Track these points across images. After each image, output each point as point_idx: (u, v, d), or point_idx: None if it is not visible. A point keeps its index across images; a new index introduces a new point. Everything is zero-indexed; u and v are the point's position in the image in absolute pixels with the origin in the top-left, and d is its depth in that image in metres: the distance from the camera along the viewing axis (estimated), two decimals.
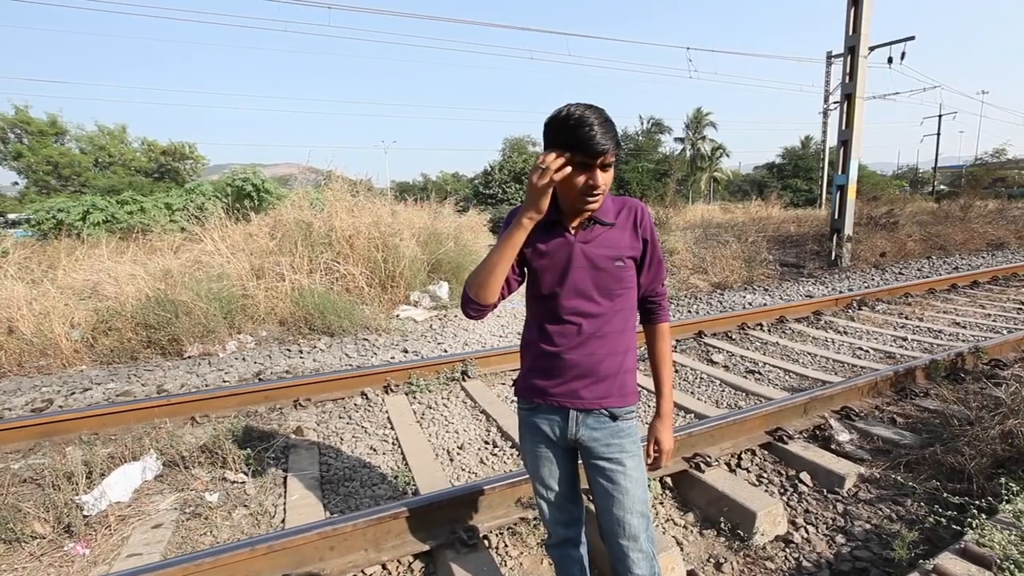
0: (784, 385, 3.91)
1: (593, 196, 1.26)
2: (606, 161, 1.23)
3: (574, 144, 1.20)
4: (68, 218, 13.99)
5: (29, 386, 3.93)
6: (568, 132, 1.21)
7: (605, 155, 1.21)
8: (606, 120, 1.22)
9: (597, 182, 1.24)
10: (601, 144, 1.19)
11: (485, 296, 1.32)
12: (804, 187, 39.13)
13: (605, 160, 1.22)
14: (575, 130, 1.20)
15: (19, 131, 29.49)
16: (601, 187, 1.25)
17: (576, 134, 1.20)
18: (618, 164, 1.42)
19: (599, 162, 1.22)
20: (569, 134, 1.21)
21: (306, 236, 6.10)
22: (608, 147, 1.20)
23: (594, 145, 1.19)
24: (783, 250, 10.91)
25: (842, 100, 9.76)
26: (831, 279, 8.10)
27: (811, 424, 3.02)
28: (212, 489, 2.61)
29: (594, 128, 1.19)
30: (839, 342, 4.89)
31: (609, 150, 1.21)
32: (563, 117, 1.23)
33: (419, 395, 3.84)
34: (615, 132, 1.23)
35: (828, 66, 25.32)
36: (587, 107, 1.23)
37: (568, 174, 1.26)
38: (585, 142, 1.19)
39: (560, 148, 1.24)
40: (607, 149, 1.20)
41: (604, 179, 1.25)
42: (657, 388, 1.50)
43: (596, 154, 1.20)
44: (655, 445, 1.49)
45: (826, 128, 26.85)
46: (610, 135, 1.21)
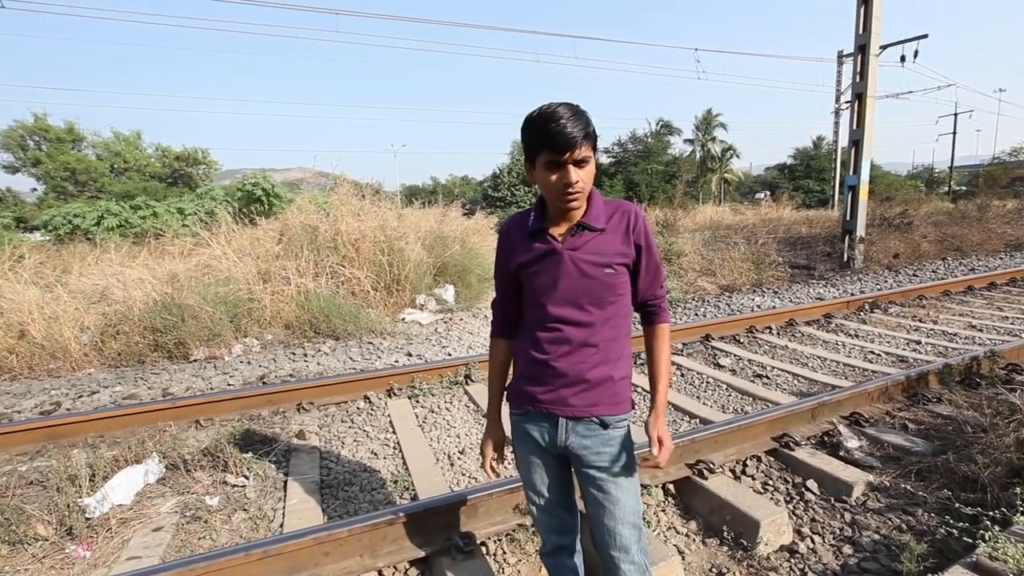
0: (793, 389, 3.84)
1: (570, 195, 1.23)
2: (577, 156, 1.19)
3: (543, 140, 1.18)
4: (84, 223, 14.26)
5: (39, 389, 3.99)
6: (537, 128, 1.19)
7: (573, 148, 1.17)
8: (577, 113, 1.19)
9: (570, 179, 1.20)
10: (569, 136, 1.16)
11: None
12: (816, 188, 38.70)
13: (575, 155, 1.19)
14: (544, 126, 1.18)
15: (38, 138, 30.16)
16: (575, 184, 1.21)
17: (545, 129, 1.17)
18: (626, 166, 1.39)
19: (569, 157, 1.18)
20: (539, 130, 1.19)
21: (312, 240, 6.13)
22: (576, 139, 1.16)
23: (562, 138, 1.16)
24: (794, 252, 10.77)
25: (853, 99, 9.63)
26: (842, 281, 7.97)
27: (819, 430, 2.95)
28: (213, 492, 2.62)
29: (562, 121, 1.16)
30: (850, 345, 4.80)
31: (578, 143, 1.17)
32: (534, 115, 1.21)
33: (422, 399, 3.83)
34: (588, 126, 1.20)
35: (839, 65, 25.05)
36: (561, 103, 1.21)
37: (543, 173, 1.24)
38: (552, 136, 1.17)
39: (532, 146, 1.23)
40: (575, 141, 1.16)
41: (579, 175, 1.22)
42: (652, 384, 1.46)
43: (563, 147, 1.17)
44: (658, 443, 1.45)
45: (838, 128, 26.55)
46: (580, 128, 1.17)
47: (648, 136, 39.58)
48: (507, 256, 1.41)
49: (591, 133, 1.21)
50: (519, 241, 1.37)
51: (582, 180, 1.22)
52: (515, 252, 1.38)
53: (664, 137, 40.36)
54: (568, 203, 1.24)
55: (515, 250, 1.38)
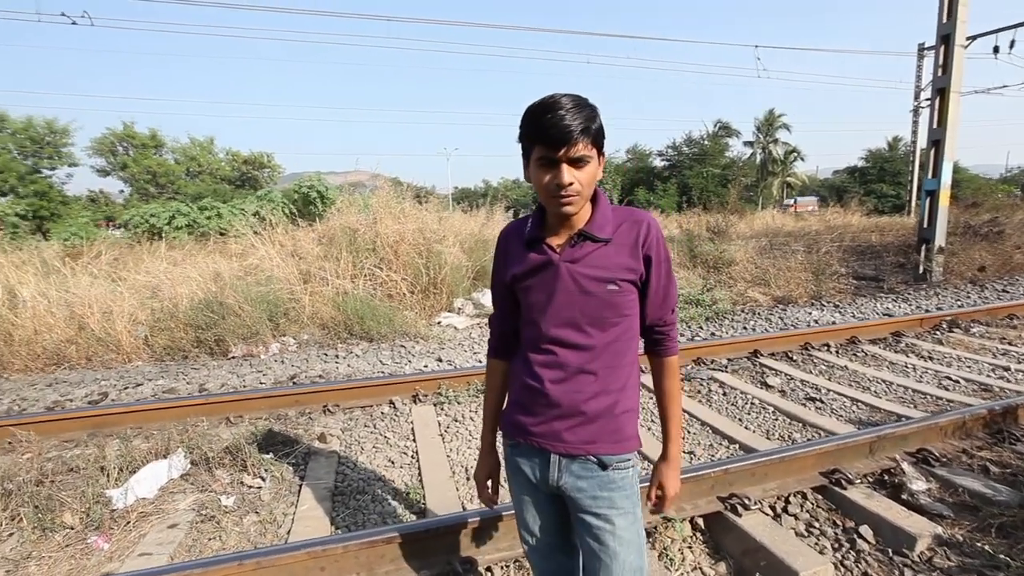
0: (850, 417, 3.45)
1: (563, 198, 1.08)
2: (573, 153, 1.04)
3: (537, 133, 1.04)
4: (158, 222, 15.39)
5: (91, 379, 4.25)
6: (533, 119, 1.05)
7: (568, 144, 1.02)
8: (580, 105, 1.04)
9: (562, 179, 1.05)
10: (564, 129, 1.01)
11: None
12: (891, 192, 35.91)
13: (571, 152, 1.03)
14: (540, 116, 1.03)
15: (126, 144, 33.04)
16: (568, 186, 1.06)
17: (540, 121, 1.03)
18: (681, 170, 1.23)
19: (563, 154, 1.03)
20: (534, 121, 1.05)
21: (351, 242, 6.24)
22: (573, 133, 1.01)
23: (556, 131, 1.01)
24: (861, 262, 9.93)
25: (933, 95, 8.77)
26: (916, 296, 7.23)
27: (878, 467, 2.61)
28: (229, 492, 2.64)
29: (560, 112, 1.01)
30: (922, 369, 4.29)
31: (574, 137, 1.01)
32: (532, 106, 1.06)
33: (447, 407, 3.75)
34: (591, 121, 1.04)
35: (920, 59, 23.07)
36: (565, 94, 1.05)
37: (536, 171, 1.09)
38: (546, 129, 1.02)
39: (526, 140, 1.09)
40: (570, 136, 1.01)
41: (576, 176, 1.06)
42: (664, 429, 1.28)
43: (557, 142, 1.02)
44: (658, 489, 1.27)
45: (917, 127, 24.43)
46: (580, 122, 1.02)
47: (704, 138, 38.18)
48: (502, 266, 1.27)
49: (594, 130, 1.05)
50: (515, 250, 1.23)
51: (578, 182, 1.06)
52: (510, 262, 1.24)
53: (722, 139, 38.80)
54: (559, 207, 1.09)
55: (510, 260, 1.24)
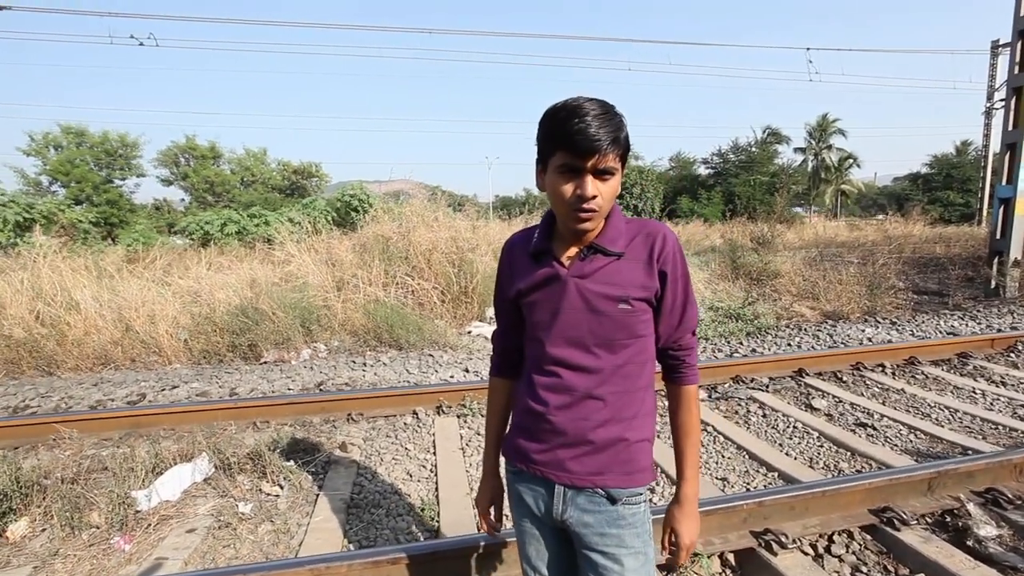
0: (907, 447, 3.14)
1: (584, 212, 0.98)
2: (600, 165, 0.95)
3: (561, 139, 0.95)
4: (211, 229, 16.24)
5: (133, 380, 4.45)
6: (557, 124, 0.96)
7: (597, 155, 0.93)
8: (607, 113, 0.95)
9: (586, 192, 0.96)
10: (592, 138, 0.92)
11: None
12: (959, 200, 33.51)
13: (599, 163, 0.94)
14: (564, 123, 0.94)
15: (187, 156, 35.29)
16: (592, 200, 0.97)
17: (565, 126, 0.94)
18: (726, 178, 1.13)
19: (590, 165, 0.95)
20: (558, 126, 0.96)
21: (384, 250, 6.32)
22: (602, 144, 0.92)
23: (583, 140, 0.92)
24: (923, 275, 9.23)
25: (1009, 95, 8.10)
26: (986, 314, 6.61)
27: (938, 507, 2.33)
28: (248, 499, 2.65)
29: (587, 119, 0.92)
30: (992, 396, 3.88)
31: (603, 149, 0.93)
32: (555, 108, 0.98)
33: (470, 419, 3.68)
34: (619, 130, 0.95)
35: (993, 58, 21.48)
36: (589, 99, 0.97)
37: (555, 179, 1.00)
38: (571, 136, 0.93)
39: (547, 145, 1.00)
40: (599, 145, 0.92)
41: (600, 189, 0.97)
42: (678, 468, 1.15)
43: (585, 152, 0.93)
44: (671, 536, 1.14)
45: (989, 131, 22.70)
46: (609, 131, 0.93)
47: (752, 145, 36.90)
48: (506, 280, 1.19)
49: (622, 140, 0.97)
50: (520, 262, 1.15)
51: (602, 196, 0.98)
52: (514, 275, 1.15)
53: (771, 146, 37.37)
54: (578, 222, 1.00)
55: (516, 272, 1.15)
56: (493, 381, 1.32)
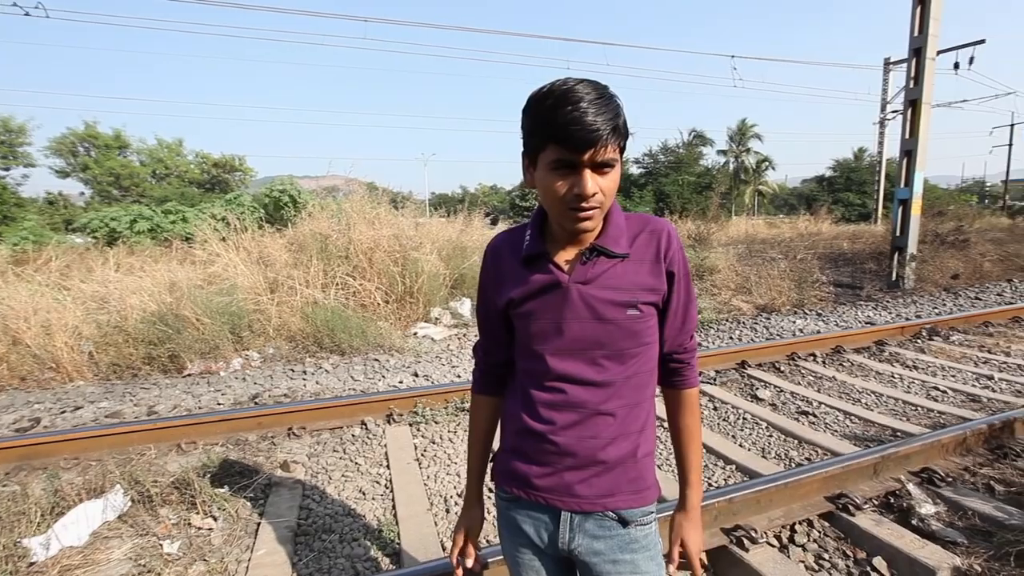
0: (845, 432, 3.33)
1: (582, 211, 0.86)
2: (599, 157, 0.82)
3: (553, 130, 0.81)
4: (118, 227, 14.63)
5: (23, 401, 3.83)
6: (546, 114, 0.82)
7: (596, 146, 0.81)
8: (603, 96, 0.82)
9: (585, 189, 0.84)
10: (590, 128, 0.80)
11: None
12: (857, 201, 37.11)
13: (598, 155, 0.82)
14: (555, 111, 0.81)
15: (88, 145, 31.65)
16: (592, 197, 0.85)
17: (557, 115, 0.81)
18: (657, 177, 1.05)
19: (587, 158, 0.82)
20: (548, 115, 0.82)
21: (322, 248, 5.92)
22: (601, 134, 0.80)
23: (578, 131, 0.80)
24: (836, 269, 10.05)
25: (906, 107, 8.94)
26: (894, 303, 7.28)
27: (883, 489, 2.46)
28: (174, 536, 2.32)
29: (582, 106, 0.80)
30: (908, 379, 4.23)
31: (602, 138, 0.81)
32: (543, 94, 0.84)
33: (423, 427, 3.48)
34: (618, 116, 0.83)
35: (886, 73, 23.89)
36: (580, 81, 0.83)
37: (547, 177, 0.88)
38: (566, 126, 0.80)
39: (535, 138, 0.86)
40: (598, 136, 0.80)
41: (600, 185, 0.85)
42: (681, 473, 1.08)
43: (581, 145, 0.81)
44: (680, 547, 1.07)
45: (882, 139, 25.27)
46: (608, 118, 0.81)
47: (680, 147, 38.80)
48: (494, 287, 1.05)
49: (621, 127, 0.84)
50: (509, 268, 1.01)
51: (603, 192, 0.86)
52: (504, 282, 1.01)
53: (696, 148, 39.50)
54: (577, 223, 0.88)
55: (504, 280, 1.01)
56: (477, 399, 1.18)
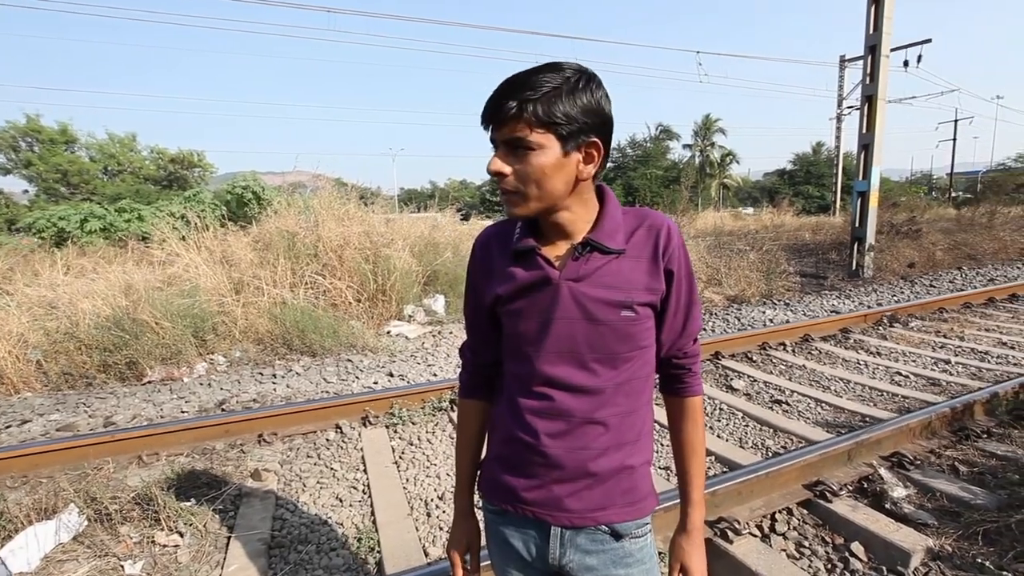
0: (817, 419, 3.41)
1: (502, 193, 0.86)
2: (506, 135, 0.81)
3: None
4: (68, 226, 13.81)
5: None
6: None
7: (499, 122, 0.81)
8: (534, 76, 0.79)
9: (489, 166, 0.83)
10: (494, 104, 0.80)
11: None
12: (816, 194, 38.52)
13: (504, 132, 0.81)
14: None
15: (30, 139, 29.74)
16: (502, 179, 0.84)
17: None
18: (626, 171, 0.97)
19: (495, 135, 0.83)
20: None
21: (290, 247, 5.71)
22: (504, 108, 0.79)
23: (486, 106, 0.82)
24: (800, 259, 10.37)
25: (863, 102, 9.26)
26: (856, 292, 7.56)
27: (857, 474, 2.53)
28: (136, 556, 2.18)
29: (507, 82, 0.81)
30: (873, 365, 4.38)
31: (504, 114, 0.79)
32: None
33: (400, 428, 3.40)
34: (538, 92, 0.78)
35: (842, 70, 24.79)
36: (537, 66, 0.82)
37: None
38: (486, 103, 0.83)
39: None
40: (499, 111, 0.80)
41: (515, 167, 0.82)
42: (682, 489, 1.03)
43: (485, 118, 0.83)
44: (680, 571, 1.02)
45: (839, 133, 26.26)
46: (521, 94, 0.78)
47: (647, 141, 39.41)
48: (481, 282, 0.99)
49: (539, 107, 0.78)
50: (498, 262, 0.95)
51: (516, 176, 0.82)
52: (492, 278, 0.95)
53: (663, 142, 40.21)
54: (506, 206, 0.87)
55: (492, 274, 0.95)
56: (465, 404, 1.11)
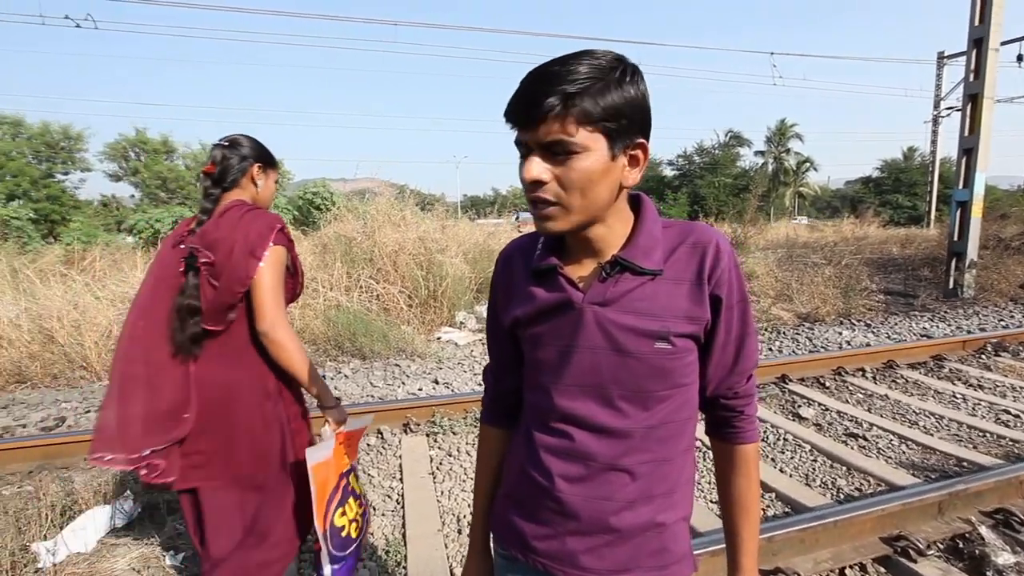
0: (901, 459, 3.00)
1: (537, 204, 0.71)
2: (545, 137, 0.66)
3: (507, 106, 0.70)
4: (162, 227, 15.24)
5: (51, 400, 3.90)
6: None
7: (534, 120, 0.66)
8: (569, 64, 0.66)
9: (524, 173, 0.69)
10: (527, 99, 0.66)
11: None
12: (907, 203, 35.29)
13: (541, 134, 0.66)
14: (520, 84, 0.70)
15: (138, 150, 33.34)
16: (539, 187, 0.69)
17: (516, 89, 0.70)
18: (692, 179, 0.83)
19: (529, 136, 0.68)
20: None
21: (347, 251, 5.90)
22: (542, 104, 0.64)
23: (515, 102, 0.68)
24: (886, 275, 9.43)
25: (965, 102, 8.30)
26: (953, 314, 6.73)
27: (950, 531, 2.17)
28: (179, 547, 2.25)
29: (533, 75, 0.67)
30: (973, 400, 3.83)
31: (541, 110, 0.65)
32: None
33: (441, 438, 3.35)
34: (576, 83, 0.64)
35: (940, 68, 22.54)
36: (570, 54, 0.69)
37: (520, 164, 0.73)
38: (513, 98, 0.69)
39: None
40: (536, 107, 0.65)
41: (555, 173, 0.68)
42: (730, 553, 0.87)
43: (517, 117, 0.68)
44: None
45: (936, 137, 23.85)
46: (558, 87, 0.64)
47: (716, 148, 37.83)
48: (501, 302, 0.88)
49: (586, 102, 0.65)
50: (519, 280, 0.84)
51: (558, 182, 0.68)
52: (512, 297, 0.84)
53: (733, 149, 38.44)
54: (538, 220, 0.72)
55: (512, 294, 0.85)
56: (485, 431, 1.00)
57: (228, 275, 1.35)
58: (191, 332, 1.34)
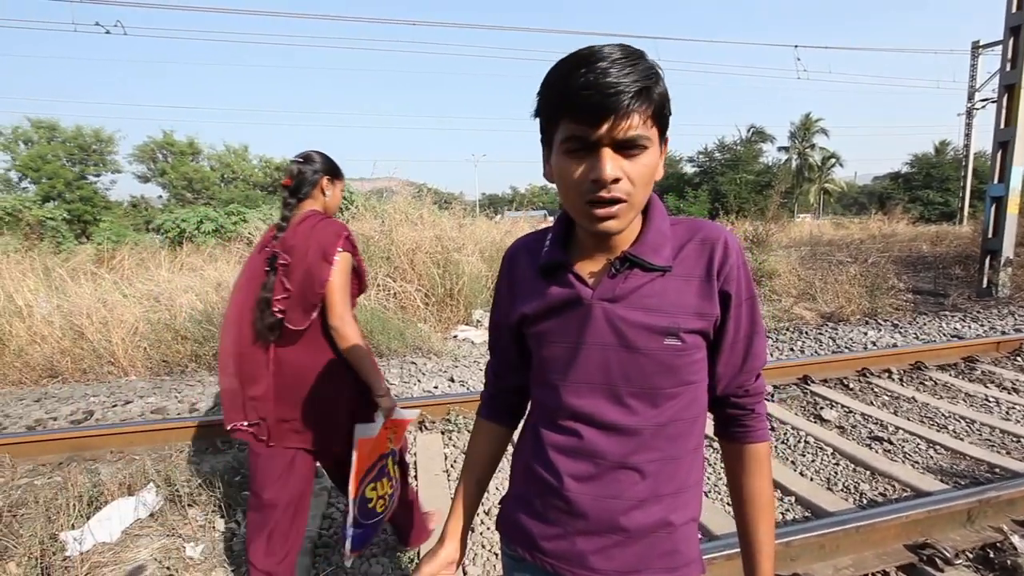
0: (928, 464, 2.90)
1: (603, 206, 0.67)
2: (622, 133, 0.63)
3: (564, 100, 0.65)
4: (187, 227, 15.66)
5: (81, 394, 4.05)
6: (559, 81, 0.65)
7: (615, 114, 0.62)
8: (632, 56, 0.64)
9: (603, 173, 0.65)
10: (606, 91, 0.61)
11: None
12: (938, 200, 34.12)
13: (619, 129, 0.63)
14: (568, 76, 0.64)
15: (165, 152, 34.32)
16: (612, 184, 0.66)
17: (569, 82, 0.63)
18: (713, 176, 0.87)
19: (605, 132, 0.63)
20: (559, 85, 0.65)
21: (364, 249, 5.96)
22: (623, 99, 0.61)
23: (592, 95, 0.62)
24: (915, 274, 9.13)
25: (1001, 93, 7.98)
26: (986, 314, 6.48)
27: (979, 540, 2.09)
28: (198, 539, 2.31)
29: (600, 66, 0.62)
30: (1007, 404, 3.68)
31: (625, 106, 0.62)
32: (559, 61, 0.67)
33: (455, 436, 3.36)
34: (649, 79, 0.64)
35: (974, 58, 21.69)
36: (607, 45, 0.65)
37: (562, 162, 0.69)
38: (577, 92, 0.62)
39: (548, 114, 0.70)
40: (618, 101, 0.61)
41: (626, 171, 0.66)
42: (746, 558, 0.85)
43: (597, 112, 0.62)
44: None
45: (969, 130, 22.97)
46: (634, 79, 0.62)
47: (738, 144, 37.11)
48: (505, 300, 0.88)
49: (656, 95, 0.65)
50: (526, 278, 0.84)
51: (629, 179, 0.66)
52: (518, 294, 0.84)
53: (755, 145, 37.64)
54: (597, 222, 0.69)
55: (518, 291, 0.84)
56: (480, 424, 1.00)
57: (305, 277, 1.56)
58: (268, 321, 1.55)
